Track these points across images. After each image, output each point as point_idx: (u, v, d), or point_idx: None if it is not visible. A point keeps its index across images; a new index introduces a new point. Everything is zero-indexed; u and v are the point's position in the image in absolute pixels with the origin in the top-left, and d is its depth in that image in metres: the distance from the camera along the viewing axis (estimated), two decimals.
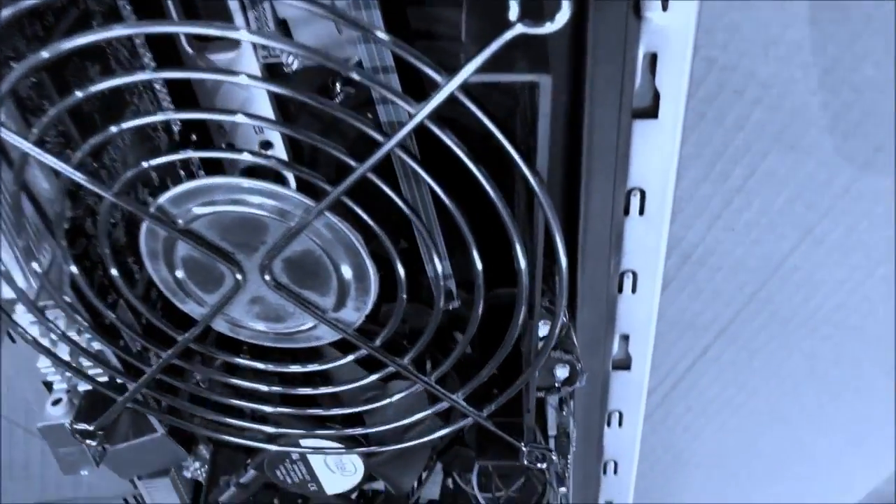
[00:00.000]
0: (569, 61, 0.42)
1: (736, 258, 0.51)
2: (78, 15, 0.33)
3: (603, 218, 0.48)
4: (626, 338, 0.57)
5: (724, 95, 0.43)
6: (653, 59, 0.42)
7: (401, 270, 0.33)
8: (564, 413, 0.51)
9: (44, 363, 0.44)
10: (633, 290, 0.53)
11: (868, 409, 0.63)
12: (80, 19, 0.33)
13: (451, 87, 0.24)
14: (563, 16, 0.22)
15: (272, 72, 0.41)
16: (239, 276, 0.32)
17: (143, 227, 0.32)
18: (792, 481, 0.70)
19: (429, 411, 0.38)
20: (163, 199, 0.30)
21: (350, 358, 0.38)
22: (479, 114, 0.25)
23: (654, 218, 0.49)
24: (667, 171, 0.46)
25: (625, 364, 0.58)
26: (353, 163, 0.28)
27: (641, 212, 0.49)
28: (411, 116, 0.26)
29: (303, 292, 0.34)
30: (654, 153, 0.46)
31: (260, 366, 0.37)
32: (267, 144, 0.43)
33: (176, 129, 0.41)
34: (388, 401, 0.39)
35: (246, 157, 0.29)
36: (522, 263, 0.29)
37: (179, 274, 0.33)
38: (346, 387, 0.39)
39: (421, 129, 0.26)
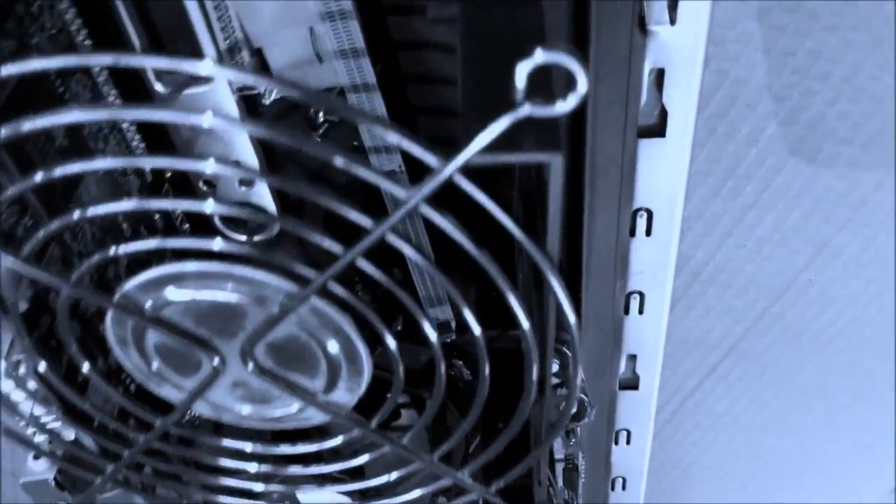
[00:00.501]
0: None
1: (747, 275, 0.49)
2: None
3: (607, 239, 0.45)
4: (633, 357, 0.54)
5: (736, 109, 0.40)
6: (660, 74, 0.39)
7: (396, 353, 0.30)
8: (572, 443, 0.48)
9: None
10: (641, 311, 0.51)
11: (879, 419, 0.61)
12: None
13: (448, 171, 0.21)
14: (577, 95, 0.18)
15: (250, 105, 0.38)
16: (217, 363, 0.29)
17: (109, 314, 0.28)
18: (799, 491, 0.69)
19: (432, 488, 0.35)
20: (128, 285, 0.27)
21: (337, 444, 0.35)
22: (482, 198, 0.22)
23: (662, 238, 0.46)
24: (675, 190, 0.44)
25: (632, 384, 0.56)
26: (338, 250, 0.25)
27: (648, 232, 0.46)
28: (403, 202, 0.22)
29: (289, 375, 0.31)
30: (662, 173, 0.43)
31: (247, 448, 0.34)
32: (247, 182, 0.40)
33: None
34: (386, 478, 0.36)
35: (219, 244, 0.26)
36: (533, 347, 0.26)
37: (154, 364, 0.30)
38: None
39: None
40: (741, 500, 0.70)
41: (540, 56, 0.18)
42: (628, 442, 0.60)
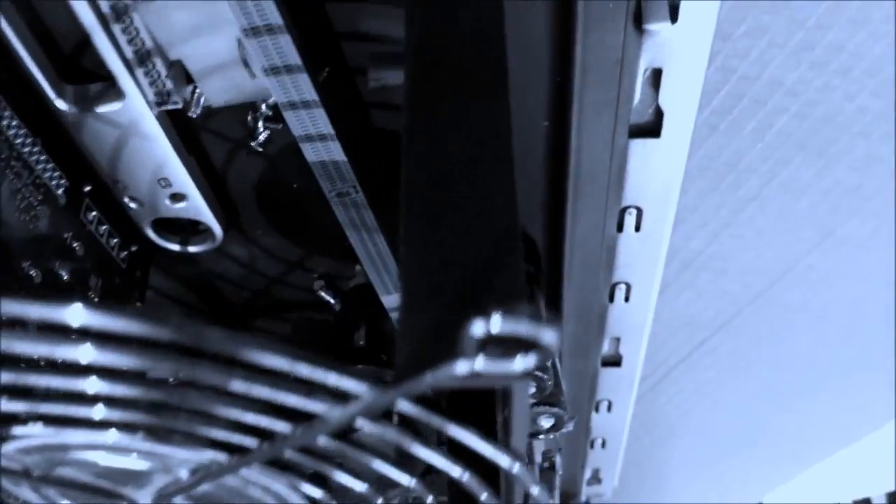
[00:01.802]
0: (553, 70, 0.33)
1: (744, 261, 0.45)
2: None
3: (592, 237, 0.41)
4: (617, 339, 0.51)
5: (742, 106, 0.35)
6: (656, 72, 0.34)
7: None
8: (552, 438, 0.46)
9: None
10: (627, 300, 0.47)
11: (876, 380, 0.59)
12: None
13: (370, 405, 0.17)
14: (541, 356, 0.14)
15: (175, 118, 0.33)
16: None
17: None
18: (782, 446, 0.68)
19: None
20: (9, 447, 0.23)
21: None
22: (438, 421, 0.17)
23: (652, 235, 0.42)
24: (668, 189, 0.39)
25: (615, 361, 0.53)
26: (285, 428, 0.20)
27: (638, 228, 0.42)
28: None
29: None
30: (655, 173, 0.38)
31: None
32: (179, 197, 0.36)
33: (62, 186, 0.34)
34: None
35: (100, 411, 0.21)
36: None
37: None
38: None
39: None
40: (721, 454, 0.69)
41: (497, 325, 0.13)
42: (609, 410, 0.58)
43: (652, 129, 0.37)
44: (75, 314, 0.15)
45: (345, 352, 0.38)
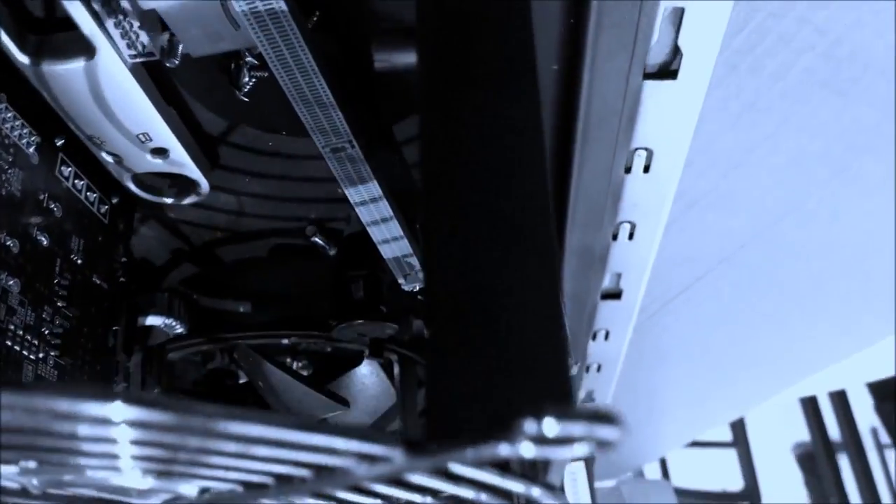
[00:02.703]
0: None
1: (751, 200, 0.43)
2: None
3: (599, 178, 0.39)
4: (618, 275, 0.50)
5: (765, 45, 0.32)
6: (677, 11, 0.31)
7: None
8: None
9: None
10: (630, 238, 0.45)
11: (876, 307, 0.58)
12: None
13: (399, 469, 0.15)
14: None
15: (152, 70, 0.30)
16: None
17: None
18: (772, 364, 0.68)
19: None
20: (9, 469, 0.21)
21: None
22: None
23: (661, 176, 0.40)
24: (681, 132, 0.37)
25: (615, 294, 0.52)
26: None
27: (647, 170, 0.40)
28: None
29: None
30: (669, 116, 0.36)
31: None
32: (160, 152, 0.33)
33: (33, 144, 0.31)
34: None
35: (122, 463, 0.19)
36: None
37: None
38: None
39: None
40: (713, 378, 0.69)
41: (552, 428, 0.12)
42: (606, 338, 0.57)
43: (669, 70, 0.34)
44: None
45: (344, 306, 0.37)
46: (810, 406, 2.29)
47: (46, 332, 0.30)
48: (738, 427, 2.61)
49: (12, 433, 0.16)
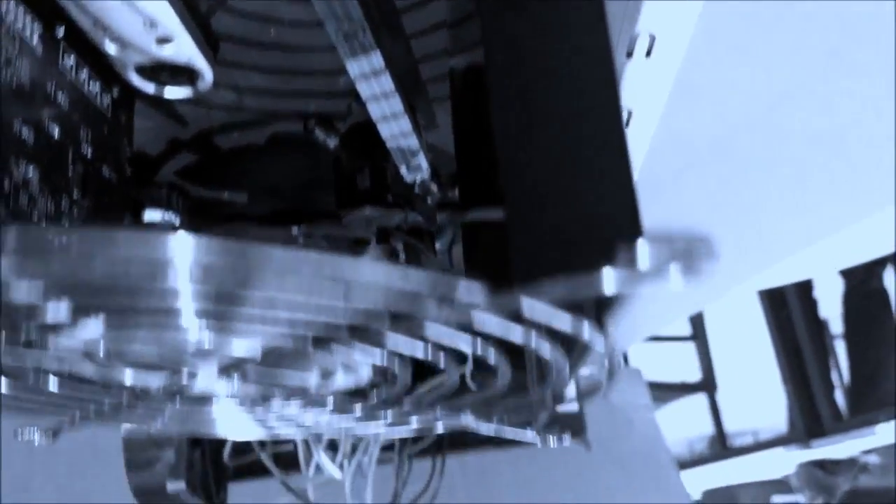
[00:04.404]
0: None
1: (746, 87, 0.44)
2: None
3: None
4: None
5: None
6: None
7: None
8: None
9: None
10: (626, 125, 0.46)
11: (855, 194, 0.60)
12: None
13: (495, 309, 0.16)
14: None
15: None
16: (187, 382, 0.25)
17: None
18: (758, 251, 0.70)
19: None
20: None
21: None
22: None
23: (662, 62, 0.40)
24: (686, 17, 0.37)
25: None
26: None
27: (648, 54, 0.40)
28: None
29: (277, 372, 0.27)
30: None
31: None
32: (165, 40, 0.33)
33: (35, 32, 0.31)
34: None
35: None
36: None
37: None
38: None
39: None
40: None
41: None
42: None
43: None
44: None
45: (350, 195, 0.37)
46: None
47: (65, 223, 0.30)
48: (697, 321, 2.71)
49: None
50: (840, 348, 2.48)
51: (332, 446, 0.63)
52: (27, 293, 0.15)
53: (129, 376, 0.26)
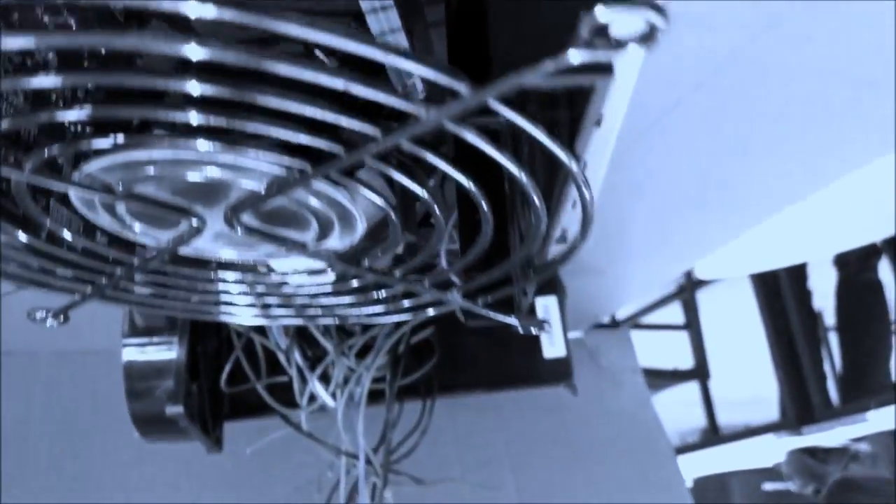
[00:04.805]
0: None
1: (730, 18, 0.45)
2: None
3: None
4: None
5: None
6: None
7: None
8: None
9: None
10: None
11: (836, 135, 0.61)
12: None
13: (477, 98, 0.17)
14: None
15: None
16: (196, 224, 0.26)
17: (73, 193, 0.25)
18: (741, 200, 0.72)
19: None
20: (91, 167, 0.23)
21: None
22: (519, 121, 0.18)
23: None
24: None
25: (595, 121, 0.54)
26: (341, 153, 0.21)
27: None
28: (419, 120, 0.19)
29: (278, 231, 0.28)
30: None
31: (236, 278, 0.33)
32: None
33: None
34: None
35: (195, 118, 0.21)
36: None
37: (127, 221, 0.27)
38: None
39: None
40: (682, 212, 0.73)
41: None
42: (584, 170, 0.60)
43: None
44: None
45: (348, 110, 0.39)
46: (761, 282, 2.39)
47: None
48: (691, 309, 2.73)
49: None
50: (833, 339, 2.50)
51: (325, 378, 0.65)
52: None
53: (137, 229, 0.27)
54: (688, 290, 2.72)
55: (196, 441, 0.63)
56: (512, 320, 0.37)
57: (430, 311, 0.38)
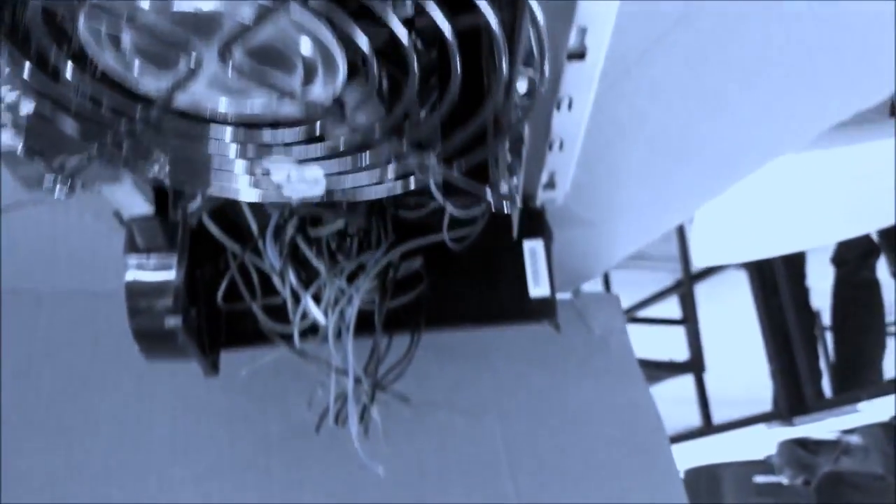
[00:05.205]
0: None
1: None
2: None
3: None
4: (583, 30, 0.55)
5: None
6: None
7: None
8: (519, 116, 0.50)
9: None
10: None
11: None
12: None
13: None
14: None
15: None
16: (194, 63, 0.29)
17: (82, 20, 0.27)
18: (723, 156, 0.74)
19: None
20: None
21: None
22: None
23: None
24: None
25: (579, 53, 0.56)
26: None
27: None
28: None
29: (267, 73, 0.31)
30: None
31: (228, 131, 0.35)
32: None
33: None
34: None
35: None
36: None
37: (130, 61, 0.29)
38: None
39: None
40: (669, 164, 0.75)
41: None
42: (570, 108, 0.62)
43: None
44: None
45: None
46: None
47: None
48: (688, 303, 2.74)
49: None
50: (829, 336, 2.52)
51: (317, 301, 0.67)
52: None
53: (137, 69, 0.30)
54: (685, 284, 2.75)
55: (194, 360, 0.66)
56: (485, 191, 0.39)
57: (412, 184, 0.41)
